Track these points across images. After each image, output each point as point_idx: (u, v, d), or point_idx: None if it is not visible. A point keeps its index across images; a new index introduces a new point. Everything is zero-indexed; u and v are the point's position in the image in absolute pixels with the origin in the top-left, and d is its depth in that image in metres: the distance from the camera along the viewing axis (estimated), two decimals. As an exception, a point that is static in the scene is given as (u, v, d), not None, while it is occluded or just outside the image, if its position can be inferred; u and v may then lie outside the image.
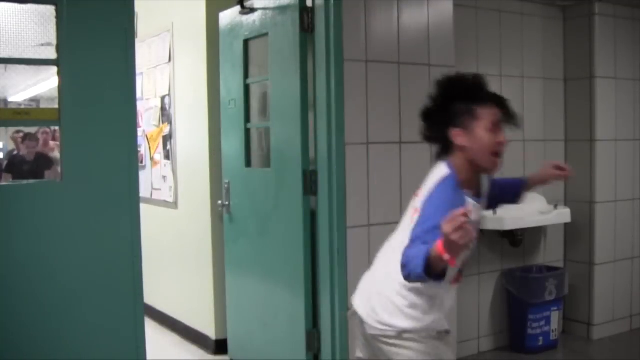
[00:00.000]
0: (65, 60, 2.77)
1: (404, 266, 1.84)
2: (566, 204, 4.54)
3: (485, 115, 2.02)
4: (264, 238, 3.71)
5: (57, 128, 3.20)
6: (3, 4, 2.74)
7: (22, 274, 2.70)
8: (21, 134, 6.44)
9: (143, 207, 3.04)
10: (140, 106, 4.98)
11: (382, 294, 2.12)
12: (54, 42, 2.77)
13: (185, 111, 4.60)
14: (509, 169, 4.29)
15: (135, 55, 2.96)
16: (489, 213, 3.98)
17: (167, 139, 4.85)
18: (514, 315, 4.27)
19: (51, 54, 2.79)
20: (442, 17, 3.59)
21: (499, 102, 2.06)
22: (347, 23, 3.28)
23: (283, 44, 3.45)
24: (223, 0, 4.02)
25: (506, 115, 2.05)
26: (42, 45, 2.85)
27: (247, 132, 3.82)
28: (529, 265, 4.43)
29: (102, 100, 2.84)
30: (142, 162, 5.16)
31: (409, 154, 3.49)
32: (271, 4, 3.54)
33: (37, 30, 2.82)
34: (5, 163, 6.38)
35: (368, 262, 3.37)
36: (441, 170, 2.06)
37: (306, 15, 3.34)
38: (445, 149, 2.09)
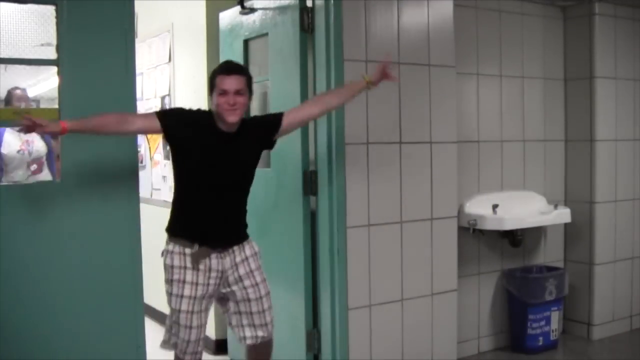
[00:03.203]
0: (65, 60, 2.77)
1: None
2: (566, 204, 4.54)
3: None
4: (264, 238, 3.70)
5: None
6: (3, 4, 2.74)
7: (22, 273, 2.70)
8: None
9: (143, 207, 3.04)
10: (140, 106, 4.97)
11: None
12: (54, 42, 2.78)
13: (185, 111, 4.59)
14: (510, 168, 4.33)
15: (135, 55, 2.96)
16: (489, 213, 3.99)
17: (167, 139, 4.84)
18: (514, 315, 4.27)
19: (51, 54, 2.79)
20: (442, 17, 3.59)
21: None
22: (347, 23, 3.28)
23: (283, 44, 3.45)
24: (223, 0, 4.02)
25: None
26: (42, 45, 2.85)
27: (247, 132, 3.81)
28: (529, 265, 4.43)
29: (102, 100, 2.85)
30: (142, 162, 5.16)
31: (409, 154, 3.49)
32: (271, 4, 3.54)
33: (37, 30, 2.82)
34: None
35: (368, 262, 3.39)
36: None
37: (306, 15, 3.35)
38: None
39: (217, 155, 2.64)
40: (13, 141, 4.32)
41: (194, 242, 2.66)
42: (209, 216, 2.67)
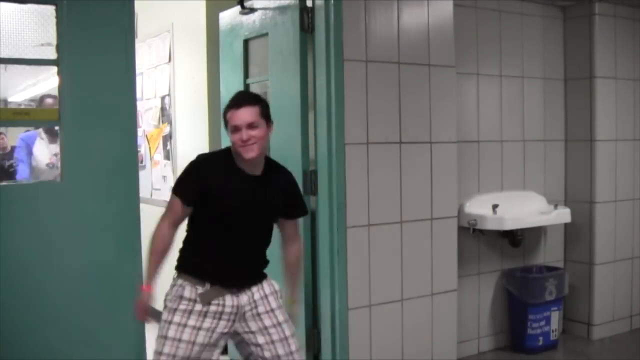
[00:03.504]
0: (65, 60, 2.77)
1: None
2: (566, 204, 4.54)
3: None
4: (264, 238, 3.71)
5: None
6: (3, 4, 2.74)
7: (22, 274, 2.70)
8: None
9: (143, 207, 3.04)
10: (140, 106, 4.97)
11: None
12: (54, 42, 2.78)
13: (185, 111, 4.60)
14: (510, 168, 4.33)
15: (135, 55, 2.96)
16: (489, 213, 3.99)
17: (167, 139, 4.85)
18: (514, 315, 4.27)
19: (51, 54, 2.79)
20: (442, 17, 3.59)
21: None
22: (347, 23, 3.28)
23: (283, 44, 3.45)
24: (223, 0, 4.02)
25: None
26: (42, 45, 2.85)
27: (247, 132, 3.81)
28: (529, 265, 4.43)
29: (102, 100, 2.85)
30: (142, 162, 5.16)
31: (409, 154, 3.49)
32: (271, 4, 3.54)
33: (37, 30, 2.82)
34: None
35: (368, 262, 3.39)
36: None
37: (306, 15, 3.35)
38: None
39: (239, 198, 2.42)
40: (44, 153, 4.31)
41: (205, 281, 2.41)
42: (225, 259, 2.44)
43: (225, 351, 4.15)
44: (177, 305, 2.41)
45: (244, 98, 2.51)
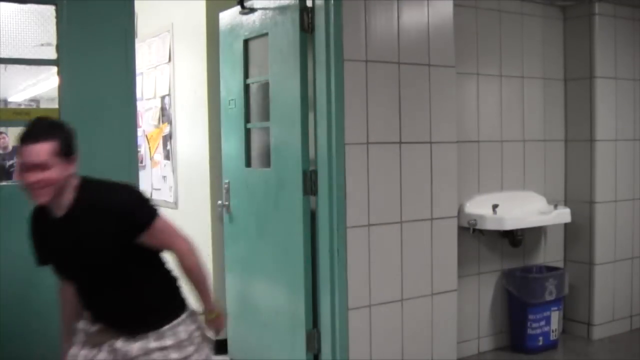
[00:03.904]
0: (65, 60, 2.78)
1: None
2: (566, 204, 4.54)
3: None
4: (263, 238, 3.71)
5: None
6: (3, 4, 2.74)
7: (22, 274, 2.70)
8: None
9: (143, 207, 3.04)
10: (140, 106, 4.98)
11: None
12: (54, 42, 2.78)
13: (185, 111, 4.60)
14: (510, 168, 4.33)
15: (135, 55, 2.96)
16: (489, 213, 3.99)
17: (167, 139, 4.86)
18: (514, 315, 4.28)
19: (51, 54, 2.80)
20: (442, 17, 3.59)
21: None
22: (347, 23, 3.28)
23: (283, 44, 3.45)
24: (223, 0, 4.02)
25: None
26: (42, 45, 2.86)
27: (247, 132, 3.82)
28: (529, 265, 4.43)
29: (102, 100, 2.85)
30: (142, 162, 5.17)
31: (409, 154, 3.49)
32: (271, 4, 3.54)
33: (37, 30, 2.83)
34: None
35: (368, 262, 3.39)
36: None
37: (306, 15, 3.35)
38: None
39: (47, 247, 2.17)
40: None
41: (93, 320, 2.23)
42: (89, 307, 2.23)
43: (225, 351, 4.16)
44: (78, 338, 2.27)
45: (37, 132, 2.00)
